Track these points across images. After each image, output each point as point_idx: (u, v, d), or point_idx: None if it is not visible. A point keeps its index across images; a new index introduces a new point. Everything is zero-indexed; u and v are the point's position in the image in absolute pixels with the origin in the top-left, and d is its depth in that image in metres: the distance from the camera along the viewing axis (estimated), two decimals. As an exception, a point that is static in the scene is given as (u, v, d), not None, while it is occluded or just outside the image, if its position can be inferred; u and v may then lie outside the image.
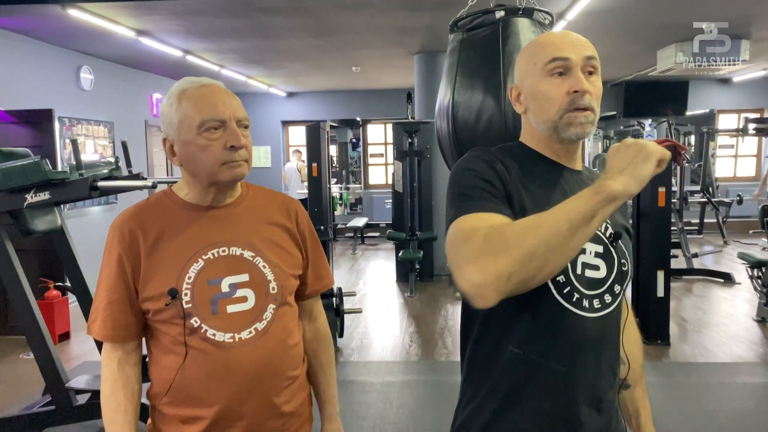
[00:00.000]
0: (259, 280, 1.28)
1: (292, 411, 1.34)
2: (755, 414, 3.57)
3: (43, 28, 5.72)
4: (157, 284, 1.24)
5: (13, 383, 4.21)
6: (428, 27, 6.06)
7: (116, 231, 1.28)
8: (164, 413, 1.29)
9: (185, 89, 1.26)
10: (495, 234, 0.93)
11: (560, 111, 1.09)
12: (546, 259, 0.90)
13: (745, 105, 10.80)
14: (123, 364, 1.28)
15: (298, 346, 1.37)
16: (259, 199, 1.39)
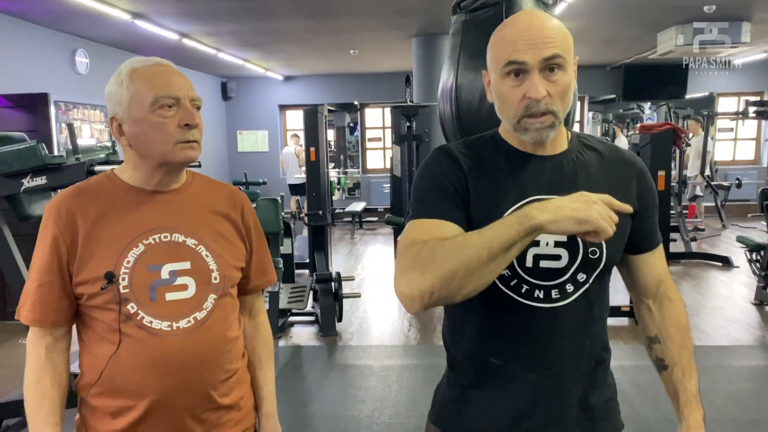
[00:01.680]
0: (200, 269, 1.24)
1: (230, 404, 1.30)
2: (753, 396, 3.59)
3: (38, 11, 5.65)
4: (93, 267, 1.19)
5: (12, 368, 4.21)
6: (427, 9, 6.00)
7: (53, 211, 1.21)
8: (93, 405, 1.23)
9: (136, 67, 1.22)
10: (425, 252, 1.00)
11: (517, 116, 1.09)
12: (465, 281, 0.96)
13: (745, 88, 10.75)
14: (51, 351, 1.22)
15: (238, 339, 1.34)
16: (205, 187, 1.35)
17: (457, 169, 1.13)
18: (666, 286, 1.26)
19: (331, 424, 3.29)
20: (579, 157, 1.17)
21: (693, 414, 1.26)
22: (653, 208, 1.22)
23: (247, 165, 11.09)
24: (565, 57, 1.08)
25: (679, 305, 1.27)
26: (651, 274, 1.25)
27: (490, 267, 0.96)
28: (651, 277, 1.25)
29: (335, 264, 6.88)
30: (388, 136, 11.00)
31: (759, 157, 11.15)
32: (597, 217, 0.94)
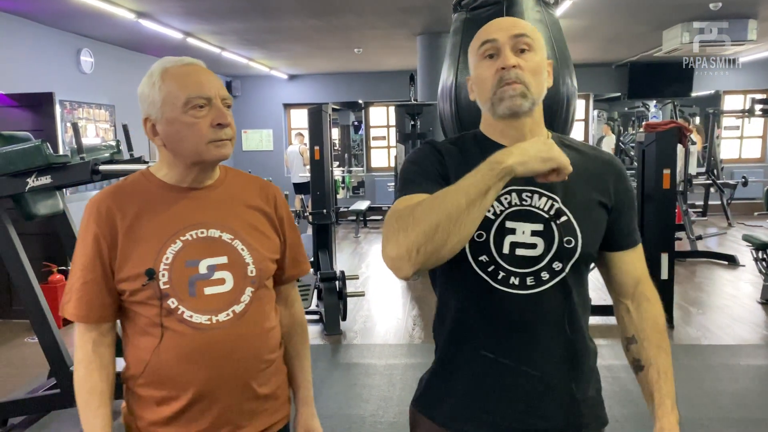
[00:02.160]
0: (237, 263, 1.27)
1: (268, 394, 1.34)
2: (759, 396, 3.57)
3: (43, 11, 5.67)
4: (133, 264, 1.22)
5: (18, 366, 4.23)
6: (431, 7, 5.99)
7: (93, 209, 1.25)
8: (139, 395, 1.28)
9: (167, 68, 1.24)
10: (407, 213, 1.03)
11: (493, 88, 1.16)
12: (448, 231, 0.99)
13: (751, 85, 10.69)
14: (98, 345, 1.27)
15: (275, 330, 1.37)
16: (238, 182, 1.38)
17: (439, 159, 1.20)
18: (644, 286, 1.27)
19: (335, 422, 3.29)
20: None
21: (667, 416, 1.24)
22: (630, 209, 1.26)
23: (251, 164, 11.10)
24: (534, 40, 1.18)
25: (656, 306, 1.27)
26: (628, 273, 1.27)
27: (471, 214, 1.00)
28: (628, 276, 1.27)
29: (339, 263, 6.89)
30: (393, 134, 11.00)
31: (765, 155, 11.08)
32: (558, 155, 1.02)
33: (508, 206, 1.18)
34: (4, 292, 5.36)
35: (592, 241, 1.20)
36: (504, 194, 1.17)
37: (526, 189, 1.17)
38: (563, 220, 1.17)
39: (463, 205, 0.99)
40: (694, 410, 3.37)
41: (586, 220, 1.18)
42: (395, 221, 1.04)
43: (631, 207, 1.26)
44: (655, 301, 1.27)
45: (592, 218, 1.20)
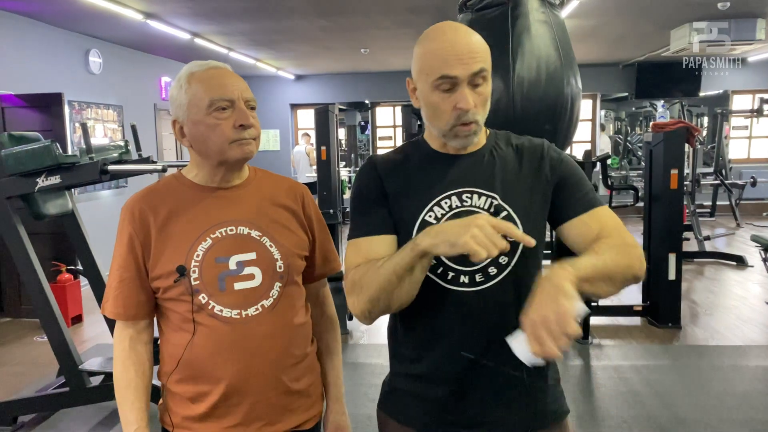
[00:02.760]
0: (266, 259, 1.31)
1: (300, 390, 1.36)
2: (766, 397, 3.56)
3: (52, 12, 5.71)
4: (166, 262, 1.27)
5: (27, 365, 4.27)
6: (438, 7, 5.99)
7: (127, 212, 1.31)
8: (173, 391, 1.32)
9: (194, 72, 1.29)
10: (357, 278, 1.16)
11: (449, 123, 1.19)
12: (388, 300, 1.14)
13: (760, 85, 10.62)
14: (134, 342, 1.32)
15: (305, 326, 1.40)
16: (267, 182, 1.42)
17: (375, 176, 1.26)
18: (606, 235, 1.17)
19: (340, 422, 3.30)
20: (495, 151, 1.27)
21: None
22: (571, 176, 1.24)
23: (258, 164, 10.73)
24: (488, 69, 1.19)
25: (632, 246, 1.16)
26: (584, 235, 1.20)
27: (403, 288, 1.12)
28: (584, 238, 1.20)
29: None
30: (399, 134, 11.00)
31: (775, 155, 11.01)
32: (468, 241, 1.00)
33: (449, 209, 1.21)
34: (13, 292, 5.40)
35: (536, 232, 1.21)
36: (445, 198, 1.22)
37: (465, 191, 1.22)
38: (503, 215, 1.19)
39: (395, 281, 1.11)
40: (702, 411, 3.36)
41: (527, 211, 1.21)
42: (350, 285, 1.18)
43: (572, 174, 1.24)
44: (636, 247, 1.16)
45: (533, 209, 1.22)
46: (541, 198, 1.23)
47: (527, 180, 1.23)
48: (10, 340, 4.82)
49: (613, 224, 1.21)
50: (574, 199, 1.23)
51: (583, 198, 1.23)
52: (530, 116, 1.64)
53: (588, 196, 1.24)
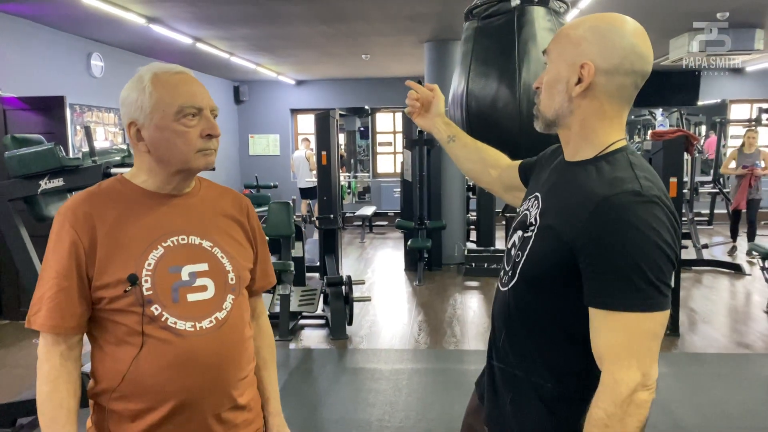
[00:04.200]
0: (218, 270, 1.27)
1: (245, 404, 1.32)
2: (765, 405, 3.57)
3: (55, 15, 5.73)
4: (114, 270, 1.19)
5: (26, 368, 4.26)
6: (439, 14, 6.03)
7: (68, 214, 1.21)
8: (112, 410, 1.22)
9: (158, 74, 1.23)
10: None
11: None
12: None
13: (757, 95, 10.68)
14: (65, 359, 1.20)
15: (251, 339, 1.36)
16: (213, 191, 1.39)
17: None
18: (603, 366, 1.05)
19: (341, 427, 3.31)
20: (581, 169, 1.23)
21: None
22: (607, 260, 1.02)
23: (258, 168, 11.15)
24: (551, 53, 1.21)
25: (599, 393, 1.04)
26: (592, 338, 1.07)
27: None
28: (592, 342, 1.07)
29: (345, 267, 6.91)
30: (399, 140, 11.02)
31: (772, 164, 11.05)
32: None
33: (525, 208, 1.26)
34: (12, 294, 5.39)
35: (533, 264, 1.14)
36: (531, 197, 1.26)
37: (537, 197, 1.23)
38: (528, 234, 1.18)
39: None
40: (701, 419, 3.37)
41: (539, 243, 1.14)
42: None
43: (608, 260, 1.02)
44: (603, 389, 1.03)
45: (543, 243, 1.13)
46: (552, 244, 1.11)
47: (557, 215, 1.13)
48: (10, 343, 4.82)
49: (612, 341, 1.03)
50: (589, 286, 1.05)
51: (596, 292, 1.04)
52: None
53: (606, 294, 1.03)
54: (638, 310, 1.01)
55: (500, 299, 1.26)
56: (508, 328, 1.22)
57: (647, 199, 1.02)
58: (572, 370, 1.13)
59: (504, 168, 1.54)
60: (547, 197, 1.18)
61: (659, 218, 1.02)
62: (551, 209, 1.15)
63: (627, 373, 1.00)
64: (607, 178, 1.07)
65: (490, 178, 1.57)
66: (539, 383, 1.16)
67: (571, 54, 1.13)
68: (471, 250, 7.20)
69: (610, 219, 1.01)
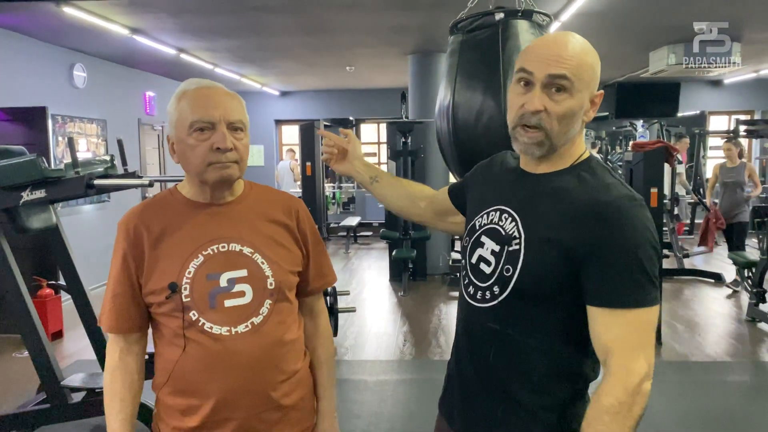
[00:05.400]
0: (257, 276, 1.31)
1: (291, 404, 1.36)
2: (746, 412, 3.62)
3: (37, 26, 5.69)
4: (158, 278, 1.28)
5: (6, 382, 4.19)
6: (423, 27, 6.08)
7: (122, 228, 1.33)
8: (165, 403, 1.33)
9: (186, 90, 1.31)
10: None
11: (514, 120, 1.17)
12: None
13: (735, 107, 10.89)
14: (125, 354, 1.34)
15: (296, 342, 1.40)
16: (261, 197, 1.42)
17: (473, 172, 1.50)
18: (611, 359, 1.09)
19: (326, 438, 3.29)
20: (560, 179, 1.18)
21: None
22: (614, 263, 1.08)
23: (244, 178, 11.10)
24: (574, 82, 1.11)
25: (610, 383, 1.08)
26: (597, 337, 1.11)
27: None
28: (598, 341, 1.11)
29: (330, 279, 6.88)
30: (384, 151, 11.05)
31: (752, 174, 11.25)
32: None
33: (488, 222, 1.25)
34: (-9, 307, 5.30)
35: (532, 276, 1.13)
36: (492, 211, 1.25)
37: (506, 210, 1.22)
38: (513, 248, 1.16)
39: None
40: (683, 426, 3.40)
41: (535, 255, 1.13)
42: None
43: (615, 262, 1.07)
44: (616, 378, 1.07)
45: (544, 255, 1.12)
46: (556, 255, 1.11)
47: (556, 227, 1.12)
48: (-12, 357, 4.73)
49: (621, 334, 1.08)
50: (601, 287, 1.09)
51: (609, 290, 1.09)
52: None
53: (619, 291, 1.08)
54: (642, 305, 1.08)
55: (481, 315, 1.21)
56: (498, 343, 1.19)
57: (639, 203, 1.12)
58: (564, 374, 1.18)
59: (431, 197, 1.59)
60: (526, 209, 1.18)
61: (649, 219, 1.11)
62: (539, 221, 1.15)
63: (637, 364, 1.07)
64: (598, 185, 1.14)
65: (420, 210, 1.60)
66: (532, 393, 1.18)
67: (593, 82, 1.16)
68: (455, 260, 7.22)
69: (614, 223, 1.08)
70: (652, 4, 5.33)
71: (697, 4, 5.38)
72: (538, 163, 1.21)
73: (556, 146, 1.15)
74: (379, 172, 1.65)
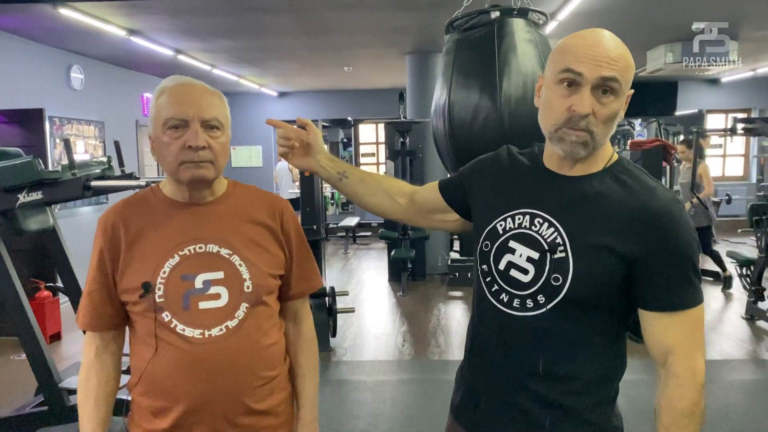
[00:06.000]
0: (233, 278, 1.28)
1: (266, 410, 1.32)
2: (744, 410, 3.62)
3: (34, 28, 5.68)
4: (132, 277, 1.26)
5: (4, 384, 4.18)
6: (421, 27, 6.08)
7: (101, 224, 1.32)
8: (138, 403, 1.30)
9: (165, 87, 1.28)
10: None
11: (557, 123, 1.11)
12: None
13: (732, 105, 10.90)
14: (101, 351, 1.33)
15: (275, 346, 1.35)
16: (245, 197, 1.39)
17: (471, 167, 1.41)
18: (675, 359, 1.12)
19: (325, 439, 3.29)
20: (599, 183, 1.15)
21: None
22: (667, 266, 1.10)
23: (241, 180, 10.59)
24: (621, 84, 1.10)
25: (682, 387, 1.11)
26: (656, 338, 1.13)
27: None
28: (656, 342, 1.14)
29: (329, 279, 6.89)
30: (382, 151, 11.06)
31: (748, 172, 11.27)
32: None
33: (517, 227, 1.18)
34: (-11, 309, 5.29)
35: (587, 286, 1.11)
36: (518, 214, 1.19)
37: (539, 215, 1.17)
38: (559, 255, 1.12)
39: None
40: (682, 425, 3.40)
41: (587, 263, 1.11)
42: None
43: (671, 266, 1.09)
44: (684, 380, 1.11)
45: (597, 263, 1.10)
46: (611, 261, 1.10)
47: (606, 233, 1.10)
48: (-14, 359, 4.72)
49: (683, 335, 1.12)
50: (658, 292, 1.11)
51: (670, 295, 1.11)
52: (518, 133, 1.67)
53: (679, 294, 1.11)
54: (697, 304, 1.13)
55: (523, 324, 1.16)
56: (546, 351, 1.16)
57: (682, 203, 1.15)
58: (609, 376, 1.21)
59: (410, 193, 1.48)
60: (566, 214, 1.14)
61: (689, 216, 1.17)
62: (584, 227, 1.12)
63: (699, 362, 1.12)
64: (642, 189, 1.13)
65: (399, 208, 1.48)
66: (577, 395, 1.17)
67: (627, 89, 1.14)
68: (454, 260, 7.22)
69: (669, 229, 1.09)
70: (649, 3, 5.34)
71: (695, 2, 5.38)
72: (572, 164, 1.17)
73: (596, 148, 1.13)
74: (347, 167, 1.51)
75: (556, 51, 1.14)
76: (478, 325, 1.27)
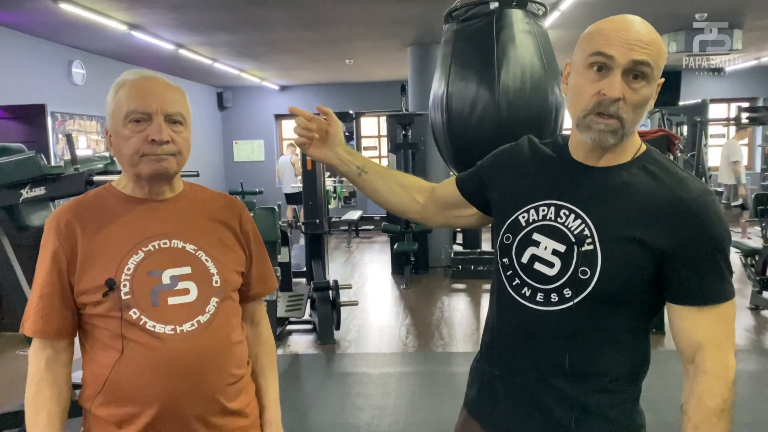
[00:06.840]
0: (201, 273, 1.25)
1: (237, 410, 1.29)
2: (748, 400, 3.61)
3: (35, 23, 5.68)
4: (94, 276, 1.20)
5: (10, 379, 4.21)
6: (422, 18, 6.05)
7: (53, 224, 1.24)
8: (97, 416, 1.22)
9: (125, 80, 1.25)
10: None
11: (586, 109, 1.08)
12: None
13: (737, 94, 10.84)
14: (52, 362, 1.23)
15: (242, 344, 1.34)
16: (202, 196, 1.38)
17: (494, 156, 1.35)
18: (705, 355, 1.09)
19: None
20: (628, 174, 1.12)
21: None
22: (701, 260, 1.07)
23: (243, 174, 11.12)
24: (654, 69, 1.06)
25: (712, 382, 1.08)
26: (685, 333, 1.11)
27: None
28: (685, 337, 1.11)
29: (332, 272, 6.89)
30: (384, 144, 11.04)
31: (752, 162, 11.21)
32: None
33: (541, 219, 1.15)
34: (-5, 305, 5.32)
35: (616, 279, 1.08)
36: (542, 206, 1.16)
37: (565, 206, 1.13)
38: (587, 248, 1.09)
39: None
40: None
41: (616, 256, 1.08)
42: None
43: (704, 258, 1.06)
44: (715, 376, 1.08)
45: (626, 256, 1.08)
46: (641, 254, 1.08)
47: (637, 225, 1.07)
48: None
49: (714, 330, 1.09)
50: (691, 286, 1.09)
51: (703, 289, 1.08)
52: (516, 124, 1.66)
53: (712, 288, 1.08)
54: (729, 298, 1.09)
55: (548, 319, 1.13)
56: (573, 347, 1.13)
57: (713, 194, 1.11)
58: (636, 372, 1.18)
59: (429, 190, 1.44)
60: (594, 206, 1.11)
61: (722, 208, 1.12)
62: (613, 219, 1.09)
63: (731, 358, 1.09)
64: (673, 181, 1.10)
65: (418, 206, 1.43)
66: (602, 393, 1.15)
67: (659, 73, 1.10)
68: (457, 253, 7.22)
69: (703, 221, 1.06)
70: (651, -9, 5.31)
71: (697, -9, 5.36)
72: (601, 154, 1.13)
73: (625, 136, 1.10)
74: (367, 161, 1.45)
75: (586, 35, 1.11)
76: (498, 319, 1.23)
